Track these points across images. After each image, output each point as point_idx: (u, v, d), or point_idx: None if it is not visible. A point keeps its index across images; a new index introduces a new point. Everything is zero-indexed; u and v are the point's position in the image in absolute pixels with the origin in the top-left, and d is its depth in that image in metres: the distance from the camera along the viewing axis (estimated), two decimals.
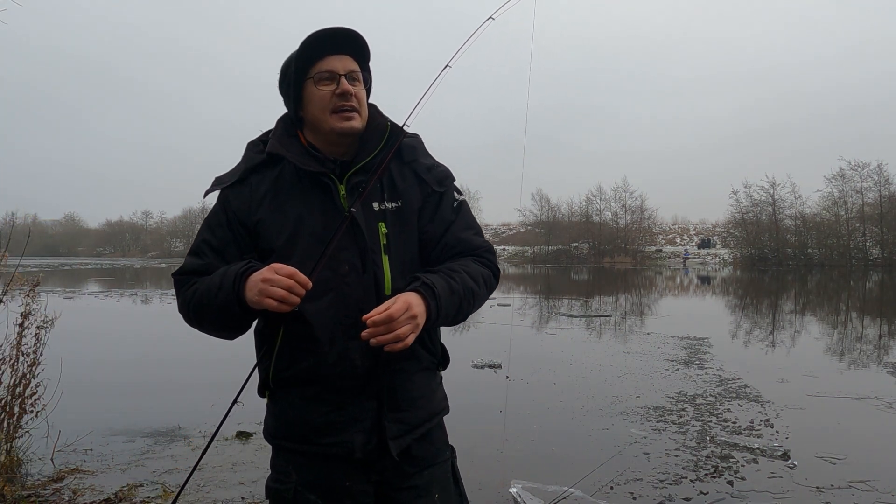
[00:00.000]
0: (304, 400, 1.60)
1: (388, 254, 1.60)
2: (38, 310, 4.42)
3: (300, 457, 1.62)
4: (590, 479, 4.11)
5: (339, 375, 1.56)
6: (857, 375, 8.12)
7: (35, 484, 4.02)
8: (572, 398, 6.50)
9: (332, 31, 1.60)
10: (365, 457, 1.58)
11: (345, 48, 1.62)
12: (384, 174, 1.65)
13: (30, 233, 7.03)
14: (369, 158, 1.63)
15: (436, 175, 1.70)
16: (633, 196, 68.47)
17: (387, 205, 1.63)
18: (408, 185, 1.67)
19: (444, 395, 1.77)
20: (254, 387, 1.65)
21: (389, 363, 1.58)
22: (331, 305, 1.55)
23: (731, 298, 22.56)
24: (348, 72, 1.61)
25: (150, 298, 20.09)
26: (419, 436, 1.65)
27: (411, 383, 1.63)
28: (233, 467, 4.43)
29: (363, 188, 1.60)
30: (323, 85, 1.60)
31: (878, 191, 51.74)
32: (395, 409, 1.60)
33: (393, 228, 1.62)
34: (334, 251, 1.55)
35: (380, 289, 1.57)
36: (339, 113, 1.60)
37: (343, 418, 1.57)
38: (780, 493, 4.01)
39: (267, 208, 1.62)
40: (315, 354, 1.56)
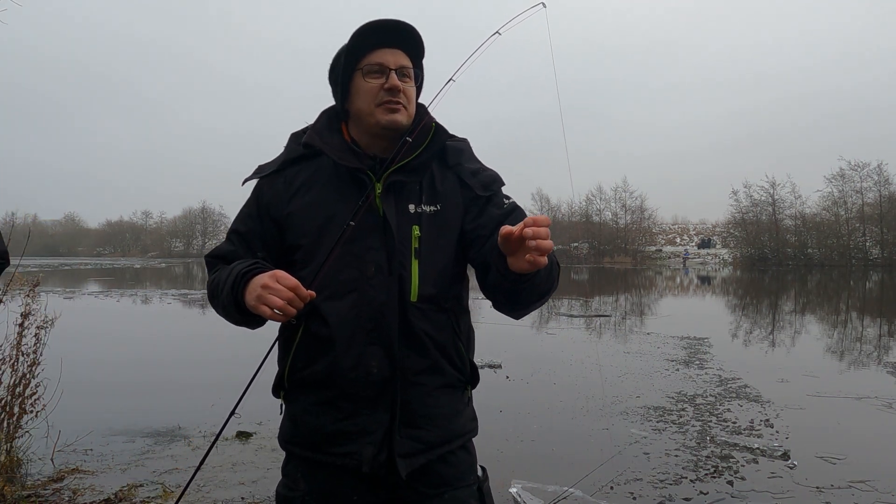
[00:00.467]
0: (317, 405, 1.55)
1: (418, 258, 1.52)
2: (38, 310, 4.42)
3: (309, 465, 1.58)
4: (590, 479, 4.11)
5: (353, 382, 1.49)
6: (857, 375, 8.13)
7: (35, 484, 4.02)
8: (572, 398, 6.50)
9: (385, 22, 1.54)
10: (373, 471, 1.49)
11: (398, 42, 1.56)
12: (425, 176, 1.59)
13: (30, 233, 7.03)
14: (410, 158, 1.55)
15: (481, 179, 1.61)
16: (632, 196, 68.61)
17: (424, 208, 1.55)
18: (449, 189, 1.59)
19: (472, 417, 1.65)
20: (258, 391, 1.61)
21: (406, 374, 1.50)
22: (353, 307, 1.49)
23: (731, 298, 22.55)
24: (399, 67, 1.55)
25: (150, 298, 20.08)
26: (437, 457, 1.54)
27: (431, 399, 1.54)
28: (233, 467, 4.43)
29: (398, 188, 1.54)
30: (372, 78, 1.54)
31: (878, 191, 51.84)
32: (409, 425, 1.51)
33: (427, 233, 1.54)
34: (362, 251, 1.50)
35: (405, 293, 1.50)
36: (384, 105, 1.54)
37: (354, 428, 1.50)
38: (780, 493, 4.01)
39: (299, 202, 1.57)
40: (331, 357, 1.50)
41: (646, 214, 68.60)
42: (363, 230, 1.50)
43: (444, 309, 1.55)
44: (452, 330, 1.57)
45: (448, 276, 1.56)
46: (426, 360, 1.52)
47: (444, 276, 1.55)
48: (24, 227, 65.60)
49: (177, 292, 22.51)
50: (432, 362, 1.52)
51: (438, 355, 1.53)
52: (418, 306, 1.51)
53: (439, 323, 1.54)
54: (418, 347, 1.52)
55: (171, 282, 30.99)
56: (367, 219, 1.51)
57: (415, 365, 1.51)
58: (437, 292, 1.53)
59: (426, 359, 1.52)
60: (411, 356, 1.51)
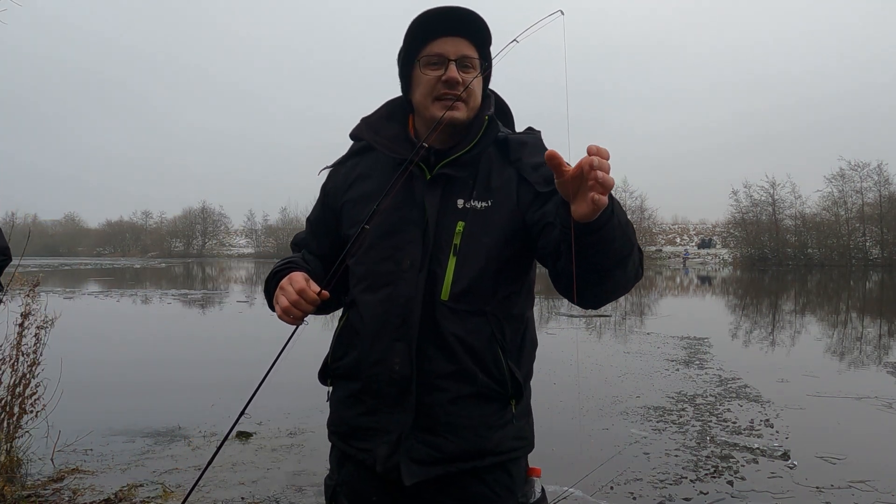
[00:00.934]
0: (348, 396, 1.52)
1: (456, 255, 1.43)
2: (38, 310, 4.42)
3: (341, 455, 1.57)
4: (590, 479, 4.11)
5: (376, 377, 1.44)
6: (857, 375, 8.13)
7: (35, 484, 4.02)
8: (572, 398, 6.50)
9: (445, 10, 1.45)
10: (385, 473, 1.43)
11: (460, 30, 1.46)
12: (480, 170, 1.50)
13: (30, 233, 7.02)
14: (463, 152, 1.47)
15: (543, 173, 1.45)
16: (633, 196, 68.56)
17: (473, 203, 1.46)
18: (504, 185, 1.48)
19: (518, 436, 1.48)
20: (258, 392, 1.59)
21: (428, 377, 1.42)
22: (384, 300, 1.45)
23: (731, 298, 22.55)
24: (460, 56, 1.45)
25: (150, 298, 20.08)
26: (460, 471, 1.43)
27: (456, 407, 1.42)
28: (233, 467, 4.43)
29: (448, 182, 1.48)
30: (429, 69, 1.46)
31: (878, 191, 51.80)
32: (427, 431, 1.42)
33: (472, 229, 1.44)
34: (401, 243, 1.45)
35: (435, 290, 1.42)
36: (441, 101, 1.45)
37: (373, 425, 1.46)
38: (780, 493, 4.01)
39: (353, 193, 1.57)
40: (360, 349, 1.48)
41: (646, 214, 68.62)
42: (405, 223, 1.46)
43: (483, 312, 1.44)
44: (491, 336, 1.44)
45: (491, 277, 1.45)
46: (453, 364, 1.42)
47: (484, 276, 1.44)
48: (24, 226, 65.57)
49: (177, 292, 22.51)
50: (460, 367, 1.42)
51: (469, 361, 1.42)
52: (450, 306, 1.42)
53: (474, 326, 1.43)
54: (445, 350, 1.42)
55: (171, 282, 30.98)
56: (410, 212, 1.47)
57: (439, 368, 1.42)
58: (473, 293, 1.43)
59: (453, 363, 1.42)
60: (436, 358, 1.42)
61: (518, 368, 1.48)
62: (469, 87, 1.46)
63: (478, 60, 1.48)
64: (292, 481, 4.18)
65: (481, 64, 1.49)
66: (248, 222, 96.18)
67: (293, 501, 3.87)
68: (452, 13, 1.45)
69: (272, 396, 6.60)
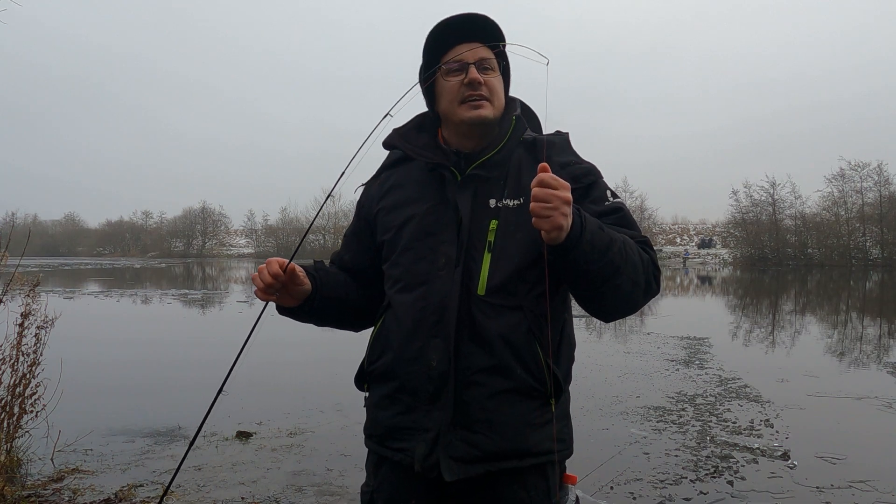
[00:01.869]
0: (384, 397, 1.53)
1: (491, 252, 1.46)
2: (38, 310, 4.42)
3: (378, 459, 1.57)
4: (590, 479, 4.11)
5: (413, 375, 1.46)
6: (857, 375, 8.12)
7: (35, 484, 4.02)
8: (572, 398, 6.48)
9: (458, 17, 1.51)
10: (424, 472, 1.43)
11: (475, 35, 1.52)
12: (511, 170, 1.54)
13: (30, 233, 7.03)
14: (492, 153, 1.53)
15: (571, 171, 1.51)
16: (633, 196, 68.55)
17: (506, 202, 1.50)
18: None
19: (557, 437, 1.49)
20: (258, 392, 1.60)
21: (466, 372, 1.43)
22: (419, 298, 1.48)
23: (731, 298, 22.55)
24: (478, 59, 1.51)
25: (150, 299, 20.08)
26: (500, 471, 1.43)
27: (493, 403, 1.42)
28: (233, 467, 4.43)
29: (479, 183, 1.52)
30: (452, 76, 1.52)
31: (878, 191, 51.78)
32: (465, 428, 1.42)
33: (505, 227, 1.48)
34: (436, 244, 1.49)
35: (472, 286, 1.45)
36: (467, 102, 1.50)
37: (411, 423, 1.47)
38: (780, 493, 4.01)
39: (388, 200, 1.62)
40: (395, 349, 1.50)
41: (646, 215, 68.64)
42: (440, 226, 1.51)
43: (520, 307, 1.46)
44: (529, 331, 1.45)
45: (526, 272, 1.46)
46: (490, 358, 1.43)
47: (520, 272, 1.46)
48: (24, 227, 65.65)
49: (177, 292, 22.51)
50: (498, 362, 1.42)
51: (507, 356, 1.43)
52: (487, 300, 1.45)
53: (511, 321, 1.44)
54: (482, 344, 1.43)
55: (170, 282, 30.98)
56: (444, 214, 1.51)
57: (476, 363, 1.43)
58: (509, 287, 1.45)
59: (491, 357, 1.43)
60: (474, 353, 1.43)
61: (557, 366, 1.50)
62: (491, 86, 1.51)
63: (496, 61, 1.54)
64: (292, 481, 4.18)
65: (501, 65, 1.55)
66: (248, 222, 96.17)
67: (293, 501, 3.87)
68: (465, 19, 1.51)
69: (272, 396, 6.63)
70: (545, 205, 1.25)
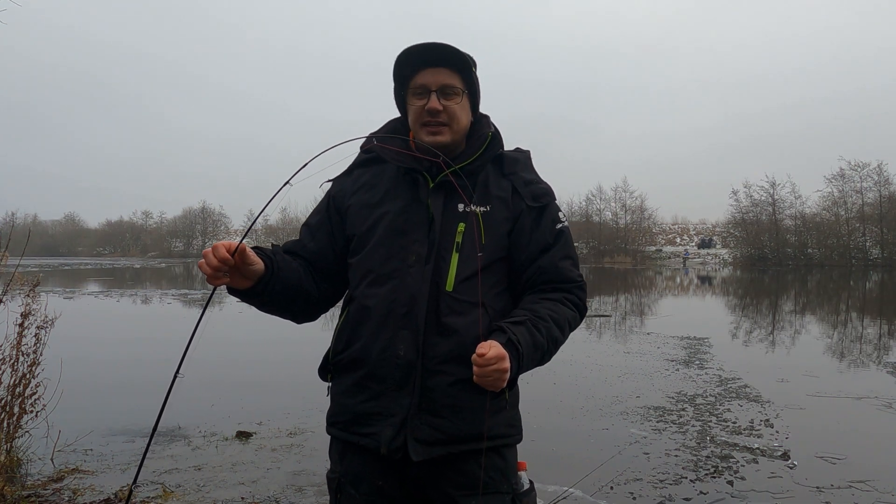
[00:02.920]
0: (351, 385, 1.61)
1: (459, 252, 1.59)
2: (38, 310, 4.42)
3: (343, 446, 1.65)
4: (590, 479, 4.11)
5: (382, 363, 1.56)
6: (857, 375, 8.13)
7: (35, 484, 4.02)
8: (572, 398, 6.50)
9: (420, 47, 1.61)
10: (390, 454, 1.53)
11: (440, 60, 1.63)
12: (479, 179, 1.68)
13: (30, 233, 7.03)
14: (465, 163, 1.65)
15: (533, 190, 1.70)
16: (633, 196, 68.53)
17: (474, 207, 1.63)
18: (501, 194, 1.67)
19: (510, 423, 1.64)
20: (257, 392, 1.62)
21: (431, 361, 1.55)
22: (390, 291, 1.58)
23: (731, 298, 22.55)
24: (440, 86, 1.62)
25: (150, 298, 20.08)
26: (461, 453, 1.56)
27: (455, 389, 1.55)
28: (233, 467, 4.43)
29: (450, 189, 1.63)
30: (416, 99, 1.64)
31: (878, 191, 51.80)
32: (430, 412, 1.54)
33: (472, 230, 1.61)
34: (408, 243, 1.60)
35: (440, 282, 1.57)
36: (426, 127, 1.64)
37: (378, 409, 1.56)
38: (780, 493, 4.01)
39: (359, 196, 1.71)
40: (365, 339, 1.58)
41: (646, 214, 68.54)
42: (412, 225, 1.62)
43: (482, 304, 1.58)
44: (489, 325, 1.58)
45: (489, 274, 1.62)
46: (454, 349, 1.55)
47: (484, 272, 1.60)
48: (24, 226, 65.65)
49: (177, 292, 22.51)
50: (461, 353, 1.54)
51: (469, 347, 1.52)
52: (454, 296, 1.57)
53: (474, 316, 1.57)
54: (447, 336, 1.55)
55: (170, 282, 30.97)
56: (416, 215, 1.63)
57: (441, 353, 1.55)
58: (474, 286, 1.58)
59: (454, 348, 1.55)
60: (439, 344, 1.55)
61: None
62: (452, 112, 1.63)
63: (459, 88, 1.64)
64: (292, 481, 4.18)
65: (469, 87, 1.67)
66: (247, 222, 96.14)
67: (293, 501, 3.87)
68: (429, 48, 1.62)
69: (272, 396, 6.63)
70: (487, 379, 1.42)
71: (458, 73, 1.65)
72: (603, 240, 67.18)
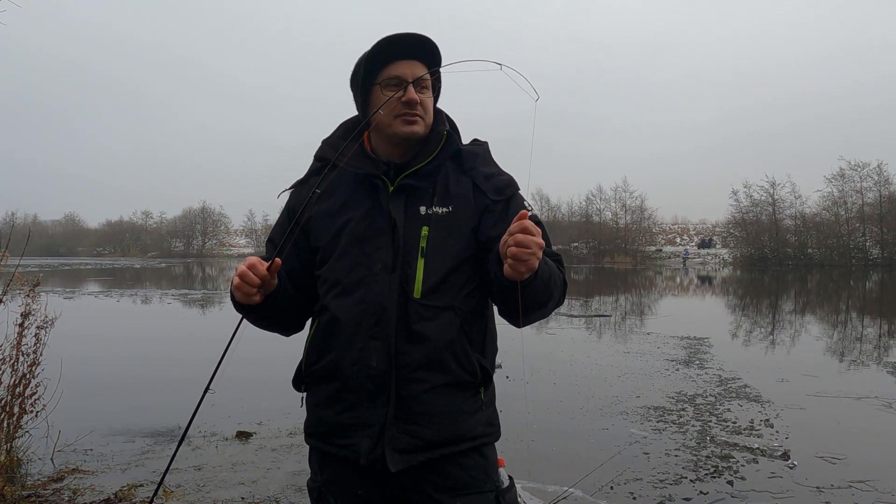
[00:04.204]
0: (326, 397, 1.60)
1: (424, 257, 1.56)
2: (38, 310, 4.42)
3: (322, 456, 1.63)
4: (590, 479, 4.11)
5: (355, 374, 1.54)
6: (857, 375, 8.12)
7: (35, 484, 4.02)
8: (572, 398, 6.50)
9: (402, 36, 1.59)
10: (369, 465, 1.52)
11: (414, 53, 1.61)
12: (439, 179, 1.64)
13: (30, 233, 7.03)
14: (423, 164, 1.62)
15: (494, 184, 1.64)
16: (633, 196, 68.58)
17: (435, 209, 1.60)
18: (462, 192, 1.63)
19: (488, 422, 1.62)
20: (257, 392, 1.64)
21: (404, 370, 1.52)
22: (357, 302, 1.55)
23: (731, 298, 22.55)
24: (416, 78, 1.60)
25: (150, 298, 20.08)
26: (440, 458, 1.54)
27: (430, 396, 1.53)
28: (233, 467, 4.43)
29: (410, 191, 1.60)
30: (390, 90, 1.60)
31: (878, 191, 51.83)
32: (406, 421, 1.52)
33: (437, 233, 1.58)
34: (371, 250, 1.57)
35: (408, 289, 1.54)
36: (402, 117, 1.60)
37: (354, 420, 1.55)
38: (780, 493, 4.01)
39: (319, 208, 1.66)
40: (337, 350, 1.56)
41: (646, 214, 68.59)
42: (374, 232, 1.58)
43: (451, 307, 1.56)
44: (460, 329, 1.56)
45: (456, 275, 1.58)
46: (426, 356, 1.53)
47: (451, 275, 1.57)
48: (24, 227, 65.64)
49: (177, 292, 22.51)
50: (433, 359, 1.52)
51: (442, 352, 1.53)
52: (422, 303, 1.54)
53: (444, 321, 1.55)
54: (419, 343, 1.53)
55: (170, 282, 30.97)
56: (378, 221, 1.59)
57: (414, 361, 1.52)
58: (442, 290, 1.55)
59: (426, 355, 1.53)
60: (411, 352, 1.53)
61: (484, 358, 1.62)
62: (425, 105, 1.62)
63: (429, 81, 1.64)
64: (292, 481, 4.18)
65: (434, 83, 1.67)
66: (247, 222, 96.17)
67: (293, 501, 3.87)
68: (408, 38, 1.59)
69: (272, 396, 6.63)
70: (526, 250, 1.32)
71: (428, 67, 1.63)
72: (603, 240, 67.21)
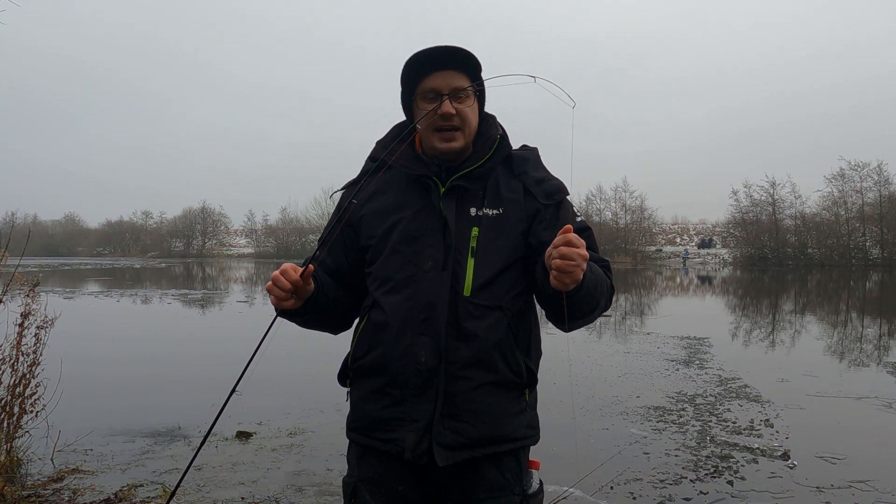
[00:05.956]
0: (372, 392, 1.61)
1: (474, 256, 1.59)
2: (38, 310, 4.42)
3: (363, 450, 1.65)
4: (590, 479, 4.11)
5: (403, 370, 1.56)
6: (857, 375, 8.13)
7: (35, 484, 4.02)
8: (572, 397, 6.50)
9: (431, 50, 1.61)
10: (414, 460, 1.54)
11: (449, 63, 1.62)
12: (489, 182, 1.66)
13: (30, 233, 7.04)
14: (474, 167, 1.65)
15: (545, 188, 1.67)
16: (632, 196, 68.54)
17: (486, 211, 1.63)
18: (513, 195, 1.66)
19: (529, 424, 1.64)
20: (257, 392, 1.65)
21: (452, 367, 1.54)
22: (407, 299, 1.58)
23: (731, 298, 22.55)
24: (452, 89, 1.61)
25: (150, 298, 20.08)
26: (483, 457, 1.56)
27: (476, 394, 1.56)
28: (233, 467, 4.43)
29: (461, 193, 1.63)
30: (426, 103, 1.63)
31: (878, 191, 51.79)
32: (451, 417, 1.55)
33: (486, 234, 1.61)
34: (422, 248, 1.60)
35: (458, 288, 1.57)
36: (440, 132, 1.62)
37: (400, 415, 1.57)
38: (780, 493, 4.01)
39: (371, 206, 1.70)
40: (385, 345, 1.58)
41: (646, 214, 68.51)
42: (425, 230, 1.62)
43: (500, 307, 1.59)
44: (508, 328, 1.58)
45: (505, 276, 1.61)
46: (474, 354, 1.55)
47: (501, 276, 1.60)
48: (24, 226, 65.67)
49: (177, 292, 22.51)
50: (481, 357, 1.54)
51: (489, 351, 1.55)
52: (472, 301, 1.57)
53: (493, 320, 1.57)
54: (467, 341, 1.55)
55: (170, 282, 30.97)
56: (429, 220, 1.62)
57: (462, 358, 1.54)
58: (491, 289, 1.58)
59: (474, 353, 1.55)
60: (459, 349, 1.55)
61: (529, 360, 1.64)
62: (464, 115, 1.63)
63: (470, 89, 1.63)
64: (292, 481, 4.18)
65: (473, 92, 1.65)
66: (248, 222, 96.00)
67: (293, 501, 3.87)
68: (440, 51, 1.61)
69: (272, 396, 6.63)
70: (570, 262, 1.35)
71: (467, 76, 1.63)
72: (603, 240, 67.08)
